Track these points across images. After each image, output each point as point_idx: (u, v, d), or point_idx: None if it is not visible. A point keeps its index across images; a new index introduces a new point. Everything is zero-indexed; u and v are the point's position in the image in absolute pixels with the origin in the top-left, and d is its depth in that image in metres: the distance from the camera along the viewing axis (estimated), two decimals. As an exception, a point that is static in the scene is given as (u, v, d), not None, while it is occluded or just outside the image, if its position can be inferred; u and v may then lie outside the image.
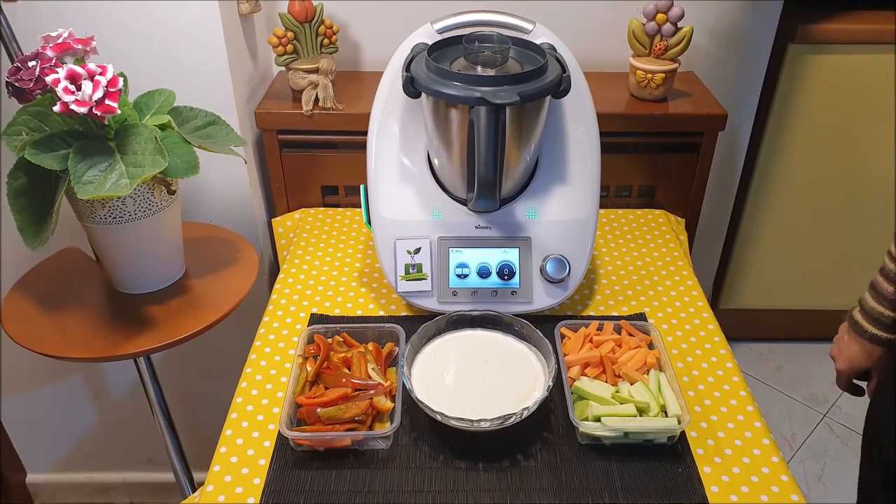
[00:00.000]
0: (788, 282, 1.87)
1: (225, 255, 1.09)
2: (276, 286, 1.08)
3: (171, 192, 0.93)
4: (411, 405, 0.85)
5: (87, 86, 0.76)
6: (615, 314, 1.02)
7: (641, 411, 0.82)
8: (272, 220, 1.28)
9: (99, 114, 0.78)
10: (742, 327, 1.94)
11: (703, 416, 0.85)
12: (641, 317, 1.01)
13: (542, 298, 0.98)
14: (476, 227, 0.98)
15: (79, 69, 0.78)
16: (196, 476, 1.29)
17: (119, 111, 0.80)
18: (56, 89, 0.77)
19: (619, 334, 0.92)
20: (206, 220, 1.25)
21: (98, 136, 0.84)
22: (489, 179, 0.86)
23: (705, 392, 0.89)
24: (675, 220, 1.25)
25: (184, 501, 0.83)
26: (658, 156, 1.25)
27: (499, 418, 0.77)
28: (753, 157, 1.65)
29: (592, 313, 1.02)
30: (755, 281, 1.86)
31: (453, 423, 0.78)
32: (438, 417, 0.79)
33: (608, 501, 0.75)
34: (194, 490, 1.27)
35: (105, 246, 0.95)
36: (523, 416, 0.78)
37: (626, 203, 1.29)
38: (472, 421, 0.77)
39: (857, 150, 1.63)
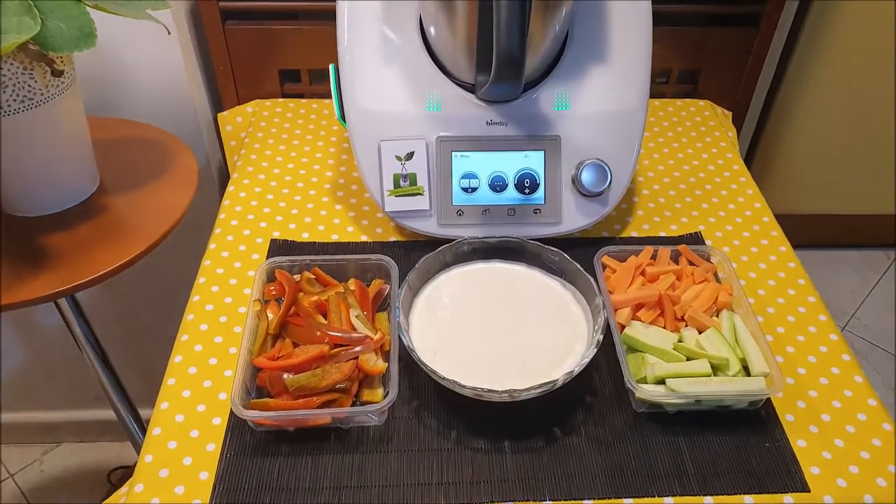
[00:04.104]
0: (812, 185, 1.68)
1: (154, 163, 0.84)
2: (225, 202, 0.84)
3: (58, 74, 0.66)
4: (409, 363, 0.64)
5: None
6: (662, 234, 0.80)
7: (716, 368, 0.62)
8: (218, 115, 1.02)
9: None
10: (758, 234, 1.75)
11: (789, 370, 0.66)
12: (697, 238, 0.79)
13: (574, 217, 0.75)
14: (487, 122, 0.74)
15: None
16: (143, 413, 1.09)
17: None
18: None
19: (677, 263, 0.71)
20: (130, 117, 0.98)
21: (-67, -13, 0.56)
22: (513, 52, 0.61)
23: (786, 337, 0.69)
24: (721, 112, 1.02)
25: (106, 501, 0.62)
26: (705, 31, 1.00)
27: (532, 388, 0.57)
28: (793, 40, 1.40)
29: (634, 233, 0.80)
30: (778, 183, 1.67)
31: (470, 393, 0.58)
32: (449, 386, 0.58)
33: (679, 493, 0.56)
34: (143, 430, 1.08)
35: (-26, 152, 0.68)
36: (564, 383, 0.58)
37: (662, 92, 1.05)
38: (496, 392, 0.57)
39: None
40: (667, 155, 0.92)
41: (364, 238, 0.79)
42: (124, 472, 1.41)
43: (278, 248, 0.77)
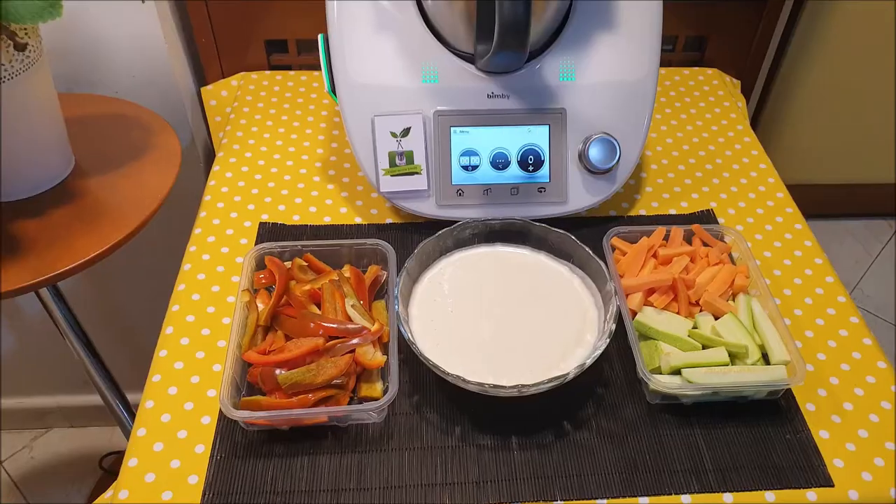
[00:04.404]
0: (813, 155, 1.64)
1: (134, 142, 0.79)
2: (210, 183, 0.79)
3: (21, 48, 0.60)
4: (410, 355, 0.60)
5: None
6: (672, 212, 0.76)
7: (734, 357, 0.59)
8: (201, 89, 0.96)
9: None
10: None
11: (808, 356, 0.63)
12: (709, 216, 0.75)
13: (581, 196, 0.71)
14: (488, 95, 0.69)
15: None
16: (131, 398, 1.06)
17: None
18: None
19: (690, 244, 0.67)
20: (107, 93, 0.92)
21: None
22: (518, 18, 0.57)
23: (804, 320, 0.66)
24: (730, 81, 0.97)
25: (96, 502, 0.59)
26: (714, -6, 0.94)
27: (542, 383, 0.53)
28: (798, 8, 1.35)
29: (643, 212, 0.76)
30: (780, 153, 1.62)
31: (476, 389, 0.54)
32: (453, 381, 0.54)
33: (697, 490, 0.53)
34: (132, 416, 1.05)
35: (-65, 134, 0.63)
36: (575, 376, 0.54)
37: (668, 60, 1.00)
38: (504, 387, 0.53)
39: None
40: (674, 127, 0.87)
41: (358, 220, 0.75)
42: (116, 458, 1.38)
43: (267, 231, 0.73)
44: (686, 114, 0.89)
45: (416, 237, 0.70)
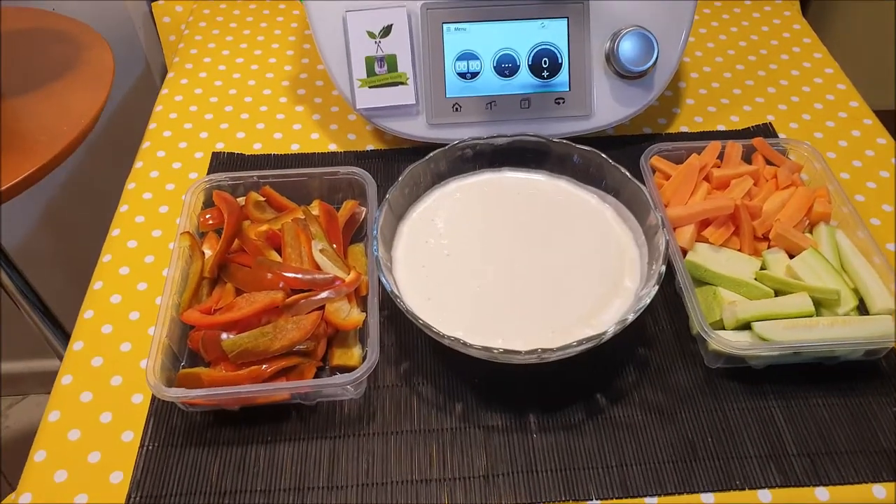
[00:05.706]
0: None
1: (59, 59, 0.65)
2: (157, 108, 0.65)
3: None
4: (395, 312, 0.47)
5: None
6: (721, 128, 0.62)
7: (819, 305, 0.45)
8: (153, 4, 0.81)
9: None
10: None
11: (909, 302, 0.49)
12: (767, 130, 0.61)
13: (609, 108, 0.57)
14: (491, -21, 0.54)
15: None
16: None
17: None
18: None
19: (750, 163, 0.53)
20: (44, 6, 0.78)
21: None
22: None
23: (899, 256, 0.52)
24: (781, -25, 0.81)
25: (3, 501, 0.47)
26: None
27: (570, 346, 0.40)
28: None
29: (684, 128, 0.62)
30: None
31: (481, 354, 0.41)
32: (451, 344, 0.41)
33: (780, 483, 0.40)
34: None
35: None
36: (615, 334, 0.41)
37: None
38: (519, 353, 0.40)
39: None
40: (716, 29, 0.72)
41: (333, 147, 0.60)
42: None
43: (222, 163, 0.59)
44: (729, 13, 0.74)
45: (402, 166, 0.56)
